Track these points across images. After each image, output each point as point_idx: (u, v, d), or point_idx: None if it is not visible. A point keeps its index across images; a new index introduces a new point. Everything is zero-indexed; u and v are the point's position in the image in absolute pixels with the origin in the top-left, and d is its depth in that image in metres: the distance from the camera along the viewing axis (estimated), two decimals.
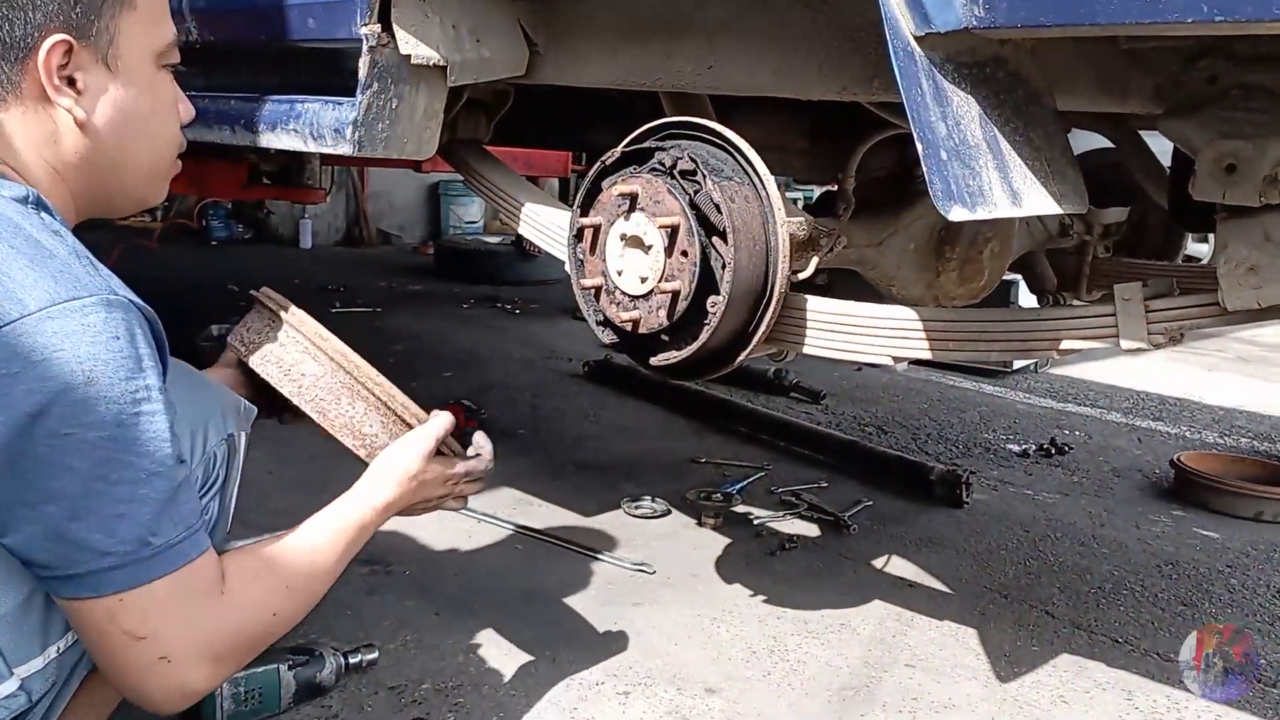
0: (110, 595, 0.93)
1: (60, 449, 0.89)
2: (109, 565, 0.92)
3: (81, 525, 0.91)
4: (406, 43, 1.58)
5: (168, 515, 0.95)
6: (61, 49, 0.98)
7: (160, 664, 0.97)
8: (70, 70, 1.00)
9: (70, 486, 0.90)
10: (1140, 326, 1.29)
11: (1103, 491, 2.98)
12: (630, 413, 3.51)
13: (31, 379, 0.88)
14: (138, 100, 1.06)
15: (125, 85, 1.04)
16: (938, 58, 1.09)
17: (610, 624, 1.96)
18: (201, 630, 1.00)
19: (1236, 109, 1.22)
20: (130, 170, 1.09)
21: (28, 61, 0.98)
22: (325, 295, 5.50)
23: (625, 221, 1.53)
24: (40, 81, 0.99)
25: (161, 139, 1.11)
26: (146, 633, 0.95)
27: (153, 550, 0.94)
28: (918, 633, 2.00)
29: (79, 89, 1.01)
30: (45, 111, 1.01)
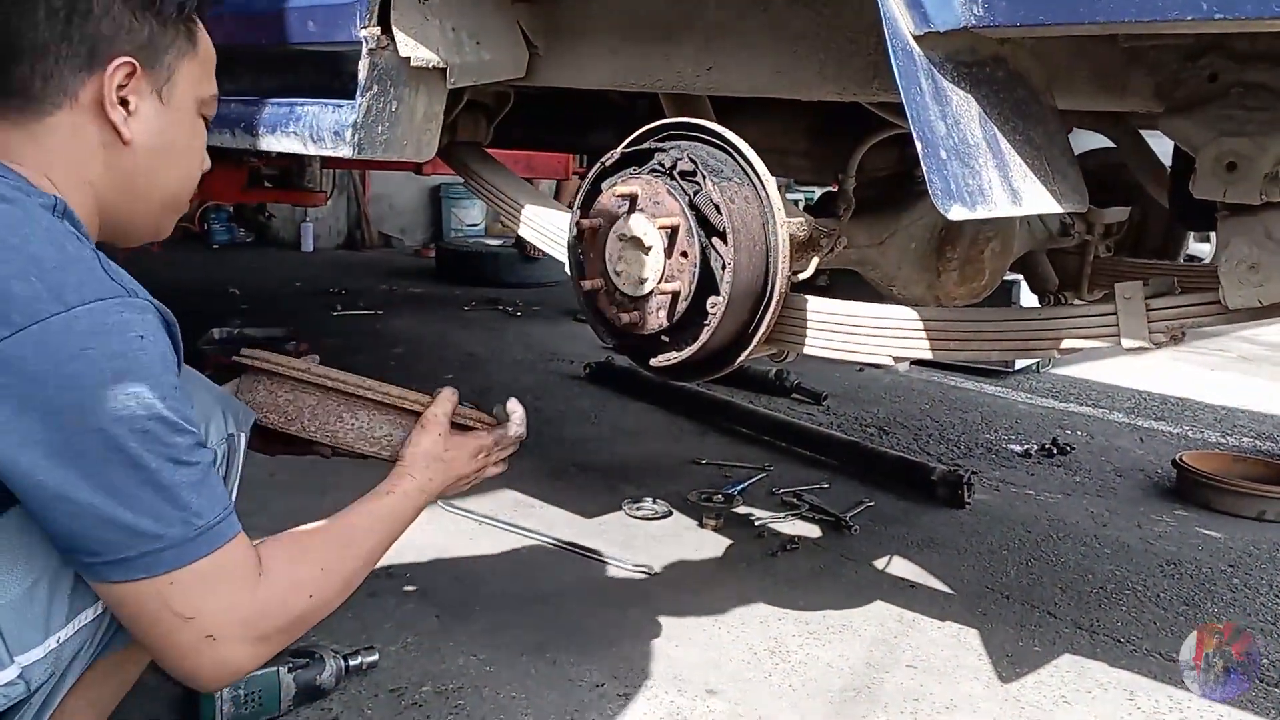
0: (161, 576, 0.97)
1: (99, 441, 0.93)
2: (159, 547, 0.96)
3: (128, 512, 0.94)
4: (406, 45, 1.58)
5: (205, 497, 0.99)
6: (126, 70, 1.05)
7: (207, 643, 1.00)
8: (128, 92, 1.06)
9: (113, 476, 0.94)
10: (1141, 325, 1.29)
11: (1105, 491, 2.98)
12: (631, 414, 3.51)
13: (67, 375, 0.91)
14: (177, 135, 1.12)
15: (170, 119, 1.11)
16: (937, 57, 1.09)
17: (611, 625, 1.96)
18: (244, 609, 1.03)
19: (1237, 107, 1.21)
20: (154, 197, 1.14)
21: (94, 74, 1.04)
22: (326, 298, 5.51)
23: (625, 222, 1.53)
24: (99, 94, 1.04)
25: (187, 176, 1.17)
26: (194, 612, 0.99)
27: (196, 530, 0.98)
28: (919, 633, 2.00)
29: (130, 110, 1.07)
30: (93, 124, 1.06)
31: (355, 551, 1.19)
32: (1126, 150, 2.05)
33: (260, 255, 7.26)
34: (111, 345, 0.93)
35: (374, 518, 1.24)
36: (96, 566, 0.97)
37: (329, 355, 4.21)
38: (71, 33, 1.02)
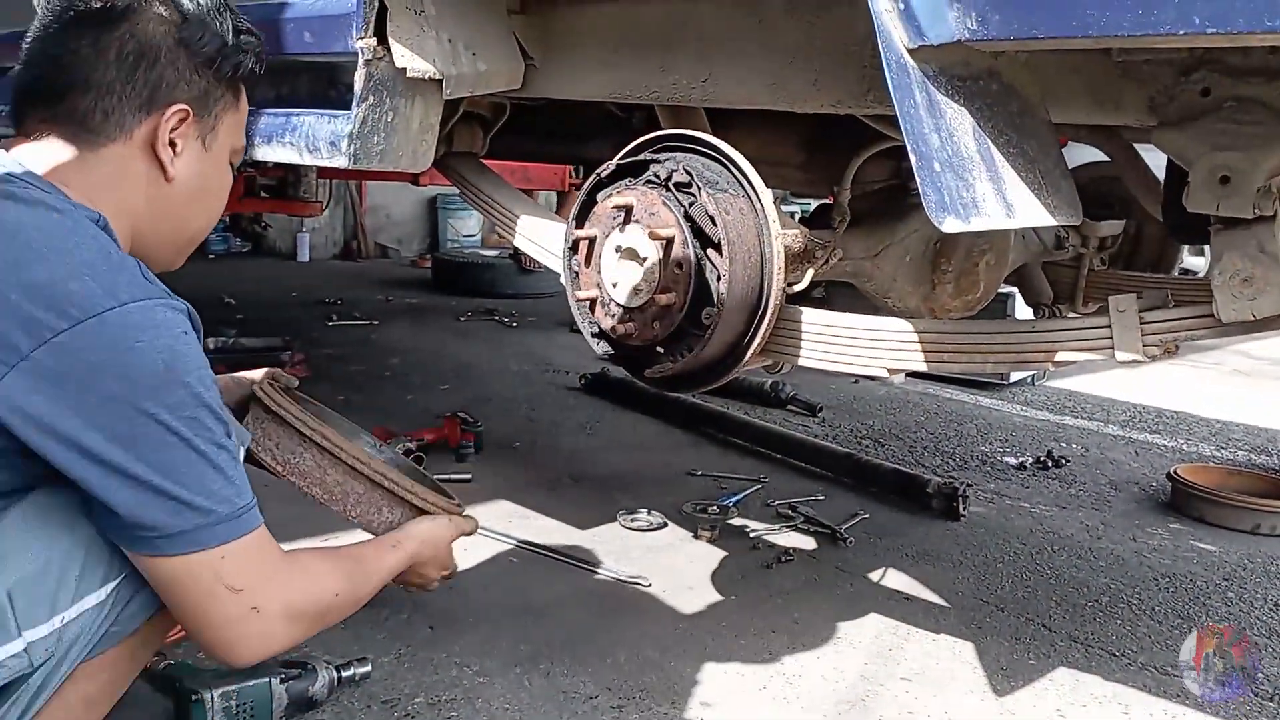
0: (215, 549, 1.05)
1: (155, 425, 1.02)
2: (212, 521, 1.05)
3: (184, 489, 1.03)
4: (402, 56, 1.59)
5: (242, 480, 1.10)
6: (180, 115, 1.16)
7: (251, 614, 1.09)
8: (177, 135, 1.17)
9: (169, 456, 1.03)
10: (1135, 338, 1.29)
11: (1100, 504, 2.98)
12: (627, 425, 3.51)
13: (123, 364, 1.01)
14: (210, 179, 1.24)
15: (209, 164, 1.23)
16: (931, 70, 1.10)
17: (605, 637, 1.95)
18: (284, 585, 1.13)
19: (1230, 121, 1.22)
20: (181, 232, 1.25)
21: (151, 115, 1.15)
22: (323, 308, 5.50)
23: (620, 233, 1.53)
24: (153, 133, 1.15)
25: (211, 216, 1.29)
26: (244, 585, 1.08)
27: (241, 508, 1.08)
28: (914, 646, 2.00)
29: (176, 151, 1.18)
30: (141, 159, 1.16)
31: (366, 576, 1.31)
32: (1120, 164, 2.06)
33: (256, 265, 7.26)
34: (161, 338, 1.03)
35: (380, 561, 1.36)
36: (154, 540, 1.04)
37: (324, 365, 4.21)
38: (138, 77, 1.13)
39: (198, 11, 1.17)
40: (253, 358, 3.84)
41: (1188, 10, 0.89)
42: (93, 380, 0.99)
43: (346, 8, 1.63)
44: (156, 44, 1.14)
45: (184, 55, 1.16)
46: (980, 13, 1.02)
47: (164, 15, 1.15)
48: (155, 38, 1.14)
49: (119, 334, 1.01)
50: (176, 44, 1.15)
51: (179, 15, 1.16)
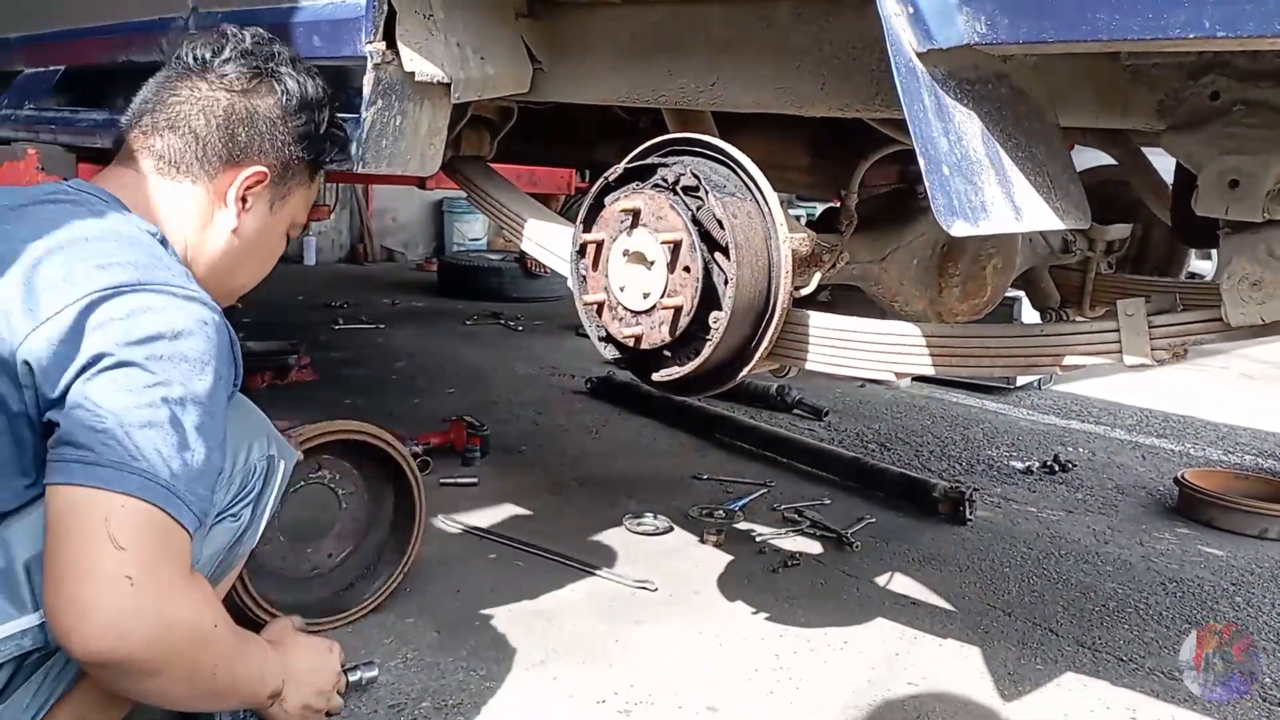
0: (118, 495, 1.01)
1: (133, 375, 1.04)
2: (130, 471, 1.02)
3: (126, 432, 1.02)
4: (411, 60, 1.59)
5: (187, 476, 1.06)
6: (258, 176, 1.29)
7: (121, 583, 0.99)
8: (252, 193, 1.29)
9: (130, 401, 1.03)
10: (1143, 342, 1.28)
11: (1107, 509, 2.97)
12: (633, 429, 3.51)
13: (131, 324, 1.05)
14: (269, 239, 1.36)
15: (270, 226, 1.34)
16: (940, 73, 1.09)
17: (612, 642, 1.95)
18: (169, 579, 1.04)
19: (1239, 124, 1.22)
20: (229, 281, 1.34)
21: (235, 169, 1.28)
22: (329, 312, 5.51)
23: (628, 237, 1.53)
24: (229, 183, 1.28)
25: (256, 274, 1.40)
26: (129, 545, 1.00)
27: (167, 481, 1.04)
28: (921, 651, 1.99)
29: (247, 207, 1.30)
30: (214, 204, 1.28)
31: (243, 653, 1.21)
32: (1128, 167, 2.06)
33: None
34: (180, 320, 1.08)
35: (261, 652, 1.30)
36: (69, 464, 1.01)
37: (331, 368, 4.21)
38: (234, 134, 1.27)
39: (306, 96, 1.32)
40: (259, 361, 3.85)
41: (1197, 14, 0.89)
42: (106, 329, 1.04)
43: (355, 12, 1.63)
44: (263, 114, 1.28)
45: (281, 128, 1.30)
46: (989, 16, 1.02)
47: (277, 92, 1.30)
48: (265, 108, 1.29)
49: (148, 300, 1.07)
50: (281, 118, 1.29)
51: (289, 96, 1.31)
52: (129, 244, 1.14)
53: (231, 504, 1.33)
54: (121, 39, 2.41)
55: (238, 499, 1.33)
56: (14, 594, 1.06)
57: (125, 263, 1.10)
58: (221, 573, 1.38)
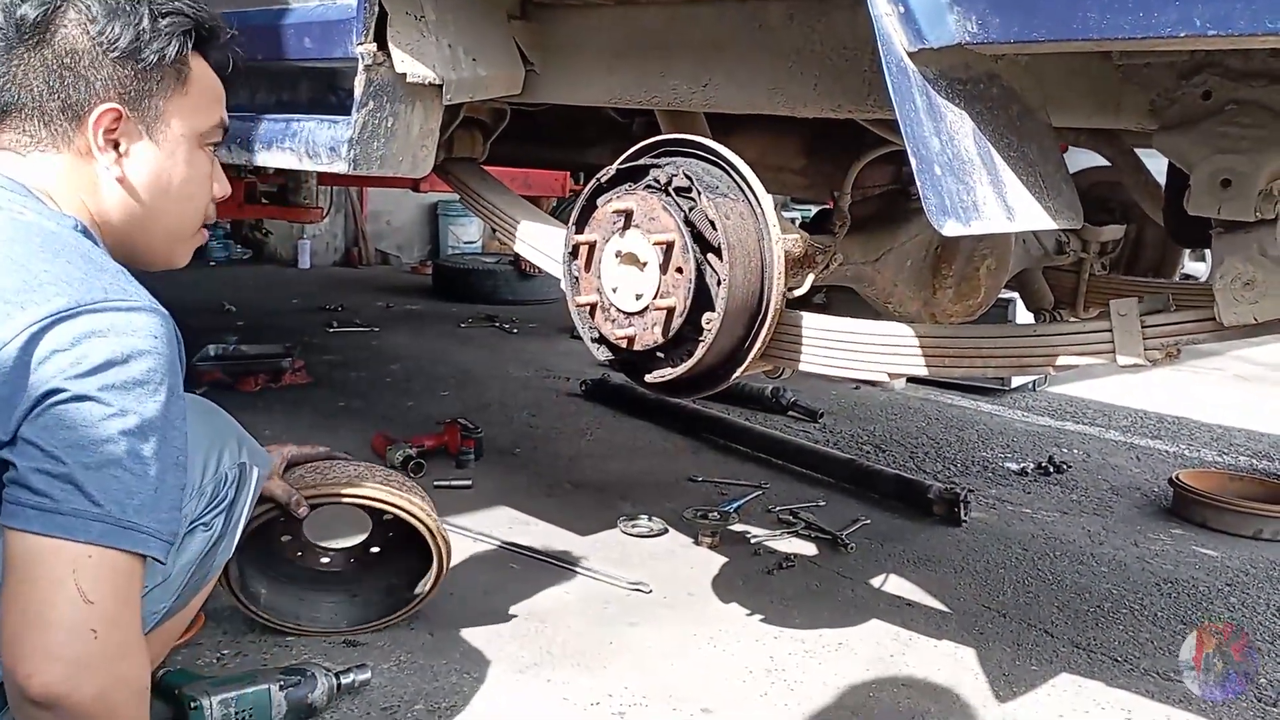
0: (83, 545, 0.97)
1: (88, 410, 0.98)
2: (93, 517, 0.97)
3: (85, 474, 0.97)
4: (402, 61, 1.59)
5: (152, 504, 1.01)
6: (111, 115, 1.13)
7: (85, 635, 0.97)
8: (117, 135, 1.14)
9: (87, 441, 0.98)
10: (1136, 342, 1.28)
11: (1101, 510, 2.97)
12: (627, 431, 3.50)
13: (78, 353, 0.98)
14: (173, 170, 1.19)
15: (165, 156, 1.18)
16: (931, 73, 1.09)
17: (606, 643, 1.95)
18: (129, 631, 1.01)
19: (1231, 124, 1.22)
20: (156, 230, 1.21)
21: (82, 121, 1.12)
22: (323, 315, 5.50)
23: (620, 238, 1.53)
24: (85, 135, 1.13)
25: (189, 206, 1.23)
26: (96, 597, 0.97)
27: (132, 525, 0.99)
28: (916, 652, 1.99)
29: (120, 151, 1.15)
30: (88, 165, 1.14)
31: None
32: (1122, 168, 2.06)
33: (257, 272, 7.26)
34: (126, 341, 1.00)
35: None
36: (27, 511, 0.97)
37: (325, 371, 4.21)
38: (65, 86, 1.11)
39: (109, 5, 1.14)
40: (253, 364, 3.84)
41: (1188, 12, 0.89)
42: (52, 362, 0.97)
43: (346, 13, 1.62)
44: (77, 50, 1.12)
45: (103, 55, 1.13)
46: (980, 16, 1.02)
47: (79, 19, 1.13)
48: (74, 44, 1.12)
49: (88, 328, 0.99)
50: (94, 45, 1.12)
51: (91, 15, 1.13)
52: (55, 252, 1.05)
53: (203, 513, 1.32)
54: None
55: (209, 508, 1.31)
56: None
57: (59, 280, 1.02)
58: (196, 583, 1.36)
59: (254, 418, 3.22)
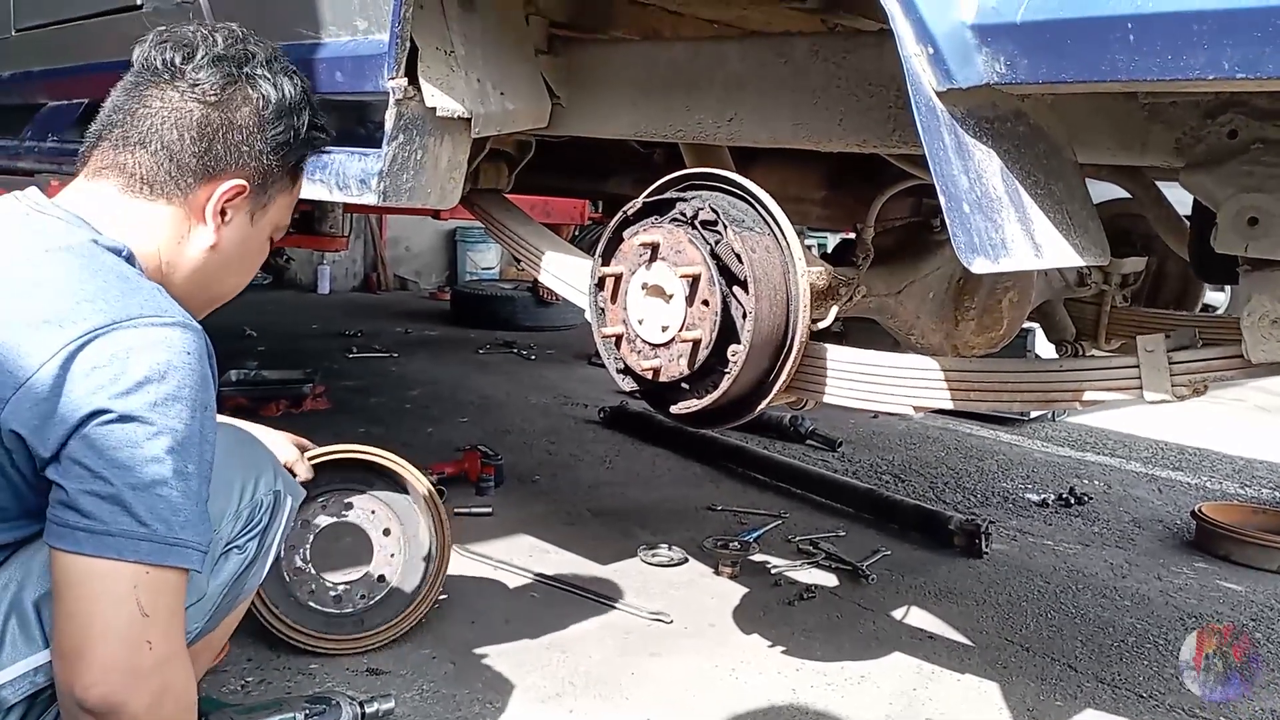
0: (134, 564, 1.01)
1: (132, 430, 1.01)
2: (141, 536, 1.01)
3: (129, 490, 1.00)
4: (432, 96, 1.61)
5: (195, 518, 1.06)
6: (236, 189, 1.21)
7: (142, 649, 1.01)
8: (231, 206, 1.22)
9: (134, 462, 1.01)
10: (1164, 379, 1.28)
11: (1124, 542, 2.95)
12: (646, 459, 3.50)
13: (116, 370, 1.01)
14: (249, 250, 1.29)
15: (252, 236, 1.27)
16: (959, 112, 1.10)
17: (628, 674, 1.94)
18: (179, 643, 1.06)
19: (1258, 163, 1.22)
20: (210, 291, 1.29)
21: (211, 184, 1.20)
22: (343, 340, 5.54)
23: (647, 271, 1.54)
24: (206, 198, 1.20)
25: (240, 282, 1.34)
26: (152, 611, 1.02)
27: (178, 541, 1.03)
28: (939, 686, 1.98)
29: (226, 221, 1.23)
30: (192, 219, 1.21)
31: None
32: (1143, 201, 2.06)
33: (277, 297, 7.32)
34: (160, 355, 1.04)
35: None
36: (76, 533, 1.00)
37: (345, 397, 4.21)
38: (210, 148, 1.19)
39: (283, 102, 1.23)
40: (275, 389, 3.86)
41: (1217, 56, 0.89)
42: (91, 379, 1.00)
43: (378, 48, 1.65)
44: (236, 122, 1.20)
45: (258, 138, 1.21)
46: (1009, 57, 1.03)
47: (253, 100, 1.21)
48: (242, 119, 1.20)
49: (123, 345, 1.02)
50: (256, 127, 1.21)
51: (266, 104, 1.22)
52: (93, 272, 1.08)
53: (238, 536, 1.33)
54: None
55: (244, 531, 1.33)
56: (26, 631, 1.07)
57: (95, 297, 1.05)
58: (229, 604, 1.37)
59: None
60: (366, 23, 1.75)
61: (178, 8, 2.26)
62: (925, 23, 1.07)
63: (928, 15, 1.07)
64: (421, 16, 1.60)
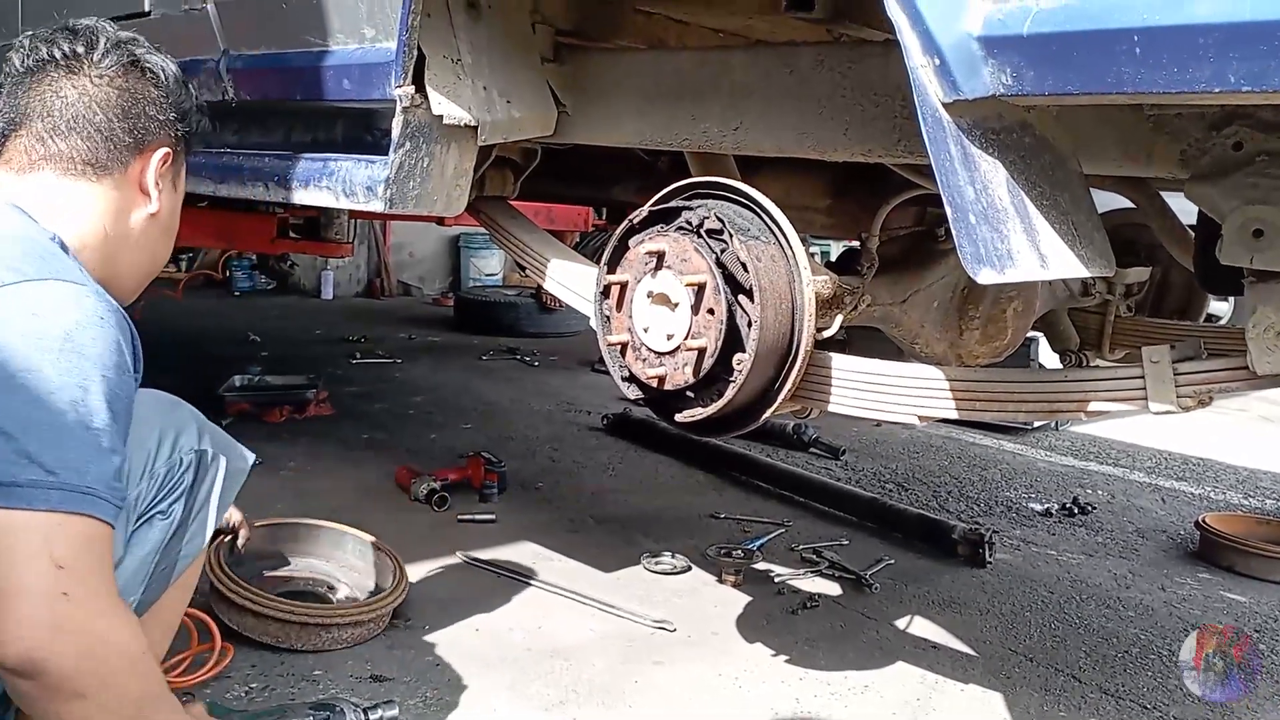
0: (45, 513, 0.99)
1: (38, 381, 1.02)
2: (52, 484, 1.00)
3: (35, 441, 1.00)
4: (439, 104, 1.61)
5: (106, 471, 1.04)
6: (165, 156, 1.29)
7: (58, 599, 0.98)
8: (161, 174, 1.29)
9: (40, 413, 1.01)
10: (1169, 390, 1.29)
11: (1127, 552, 2.95)
12: (649, 466, 3.50)
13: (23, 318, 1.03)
14: (174, 219, 1.35)
15: (175, 205, 1.34)
16: (965, 124, 1.11)
17: (631, 682, 1.94)
18: (102, 592, 1.03)
19: (1263, 175, 1.22)
20: (151, 262, 1.33)
21: (145, 155, 1.27)
22: (346, 346, 5.54)
23: (652, 279, 1.54)
24: (142, 169, 1.27)
25: (168, 253, 1.38)
26: (66, 562, 1.00)
27: (89, 490, 1.02)
28: (943, 697, 1.97)
29: (160, 189, 1.29)
30: (129, 190, 1.26)
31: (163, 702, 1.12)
32: (1147, 211, 2.06)
33: (281, 302, 7.33)
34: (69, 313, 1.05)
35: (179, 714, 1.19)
36: None
37: (349, 403, 4.21)
38: (131, 123, 1.25)
39: (176, 74, 1.32)
40: (278, 395, 3.87)
41: (1223, 69, 0.90)
42: None
43: (385, 57, 1.66)
44: (148, 96, 1.27)
45: (168, 106, 1.29)
46: (1015, 69, 1.03)
47: (153, 75, 1.29)
48: (148, 92, 1.28)
49: (32, 297, 1.04)
50: (163, 97, 1.29)
51: (165, 76, 1.30)
52: (13, 241, 1.11)
53: (158, 499, 1.32)
54: None
55: (165, 493, 1.32)
56: None
57: (8, 259, 1.07)
58: (165, 574, 1.35)
59: (279, 449, 3.25)
60: (374, 31, 1.76)
61: (185, 14, 2.26)
62: (932, 34, 1.07)
63: (935, 27, 1.07)
64: (429, 25, 1.60)
